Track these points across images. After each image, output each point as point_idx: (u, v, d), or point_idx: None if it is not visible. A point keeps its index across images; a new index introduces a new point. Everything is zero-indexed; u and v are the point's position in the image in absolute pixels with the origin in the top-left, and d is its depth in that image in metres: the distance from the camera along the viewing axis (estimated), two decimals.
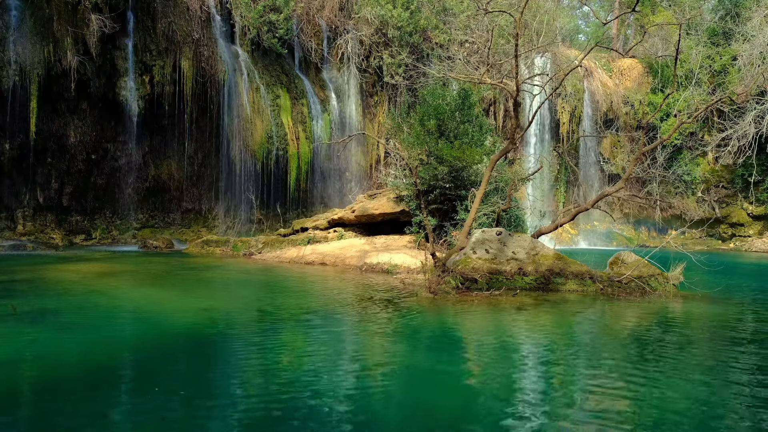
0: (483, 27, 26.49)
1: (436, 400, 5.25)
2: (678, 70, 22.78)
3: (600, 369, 6.19)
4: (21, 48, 20.48)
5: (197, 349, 6.98)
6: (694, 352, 7.18)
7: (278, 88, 26.26)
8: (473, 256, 12.06)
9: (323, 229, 20.81)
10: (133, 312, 9.36)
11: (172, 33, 23.45)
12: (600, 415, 4.80)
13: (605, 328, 8.83)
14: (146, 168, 24.93)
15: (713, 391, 5.48)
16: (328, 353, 6.75)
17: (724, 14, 29.60)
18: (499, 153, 12.97)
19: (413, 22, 27.52)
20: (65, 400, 5.03)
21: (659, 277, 11.79)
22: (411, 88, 27.51)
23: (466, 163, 17.30)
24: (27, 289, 11.02)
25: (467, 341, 7.78)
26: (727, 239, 29.79)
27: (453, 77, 17.71)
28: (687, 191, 30.07)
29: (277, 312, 9.60)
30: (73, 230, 23.50)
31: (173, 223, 25.89)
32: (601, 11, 42.60)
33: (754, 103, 26.06)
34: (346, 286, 12.67)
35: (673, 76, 15.64)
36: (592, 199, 13.99)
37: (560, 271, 11.84)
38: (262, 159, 25.19)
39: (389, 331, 8.09)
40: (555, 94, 27.72)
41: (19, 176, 22.15)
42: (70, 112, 22.52)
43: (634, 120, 30.83)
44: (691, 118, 15.36)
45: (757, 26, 26.59)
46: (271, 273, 15.14)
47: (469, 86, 18.79)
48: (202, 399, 5.18)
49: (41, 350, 6.70)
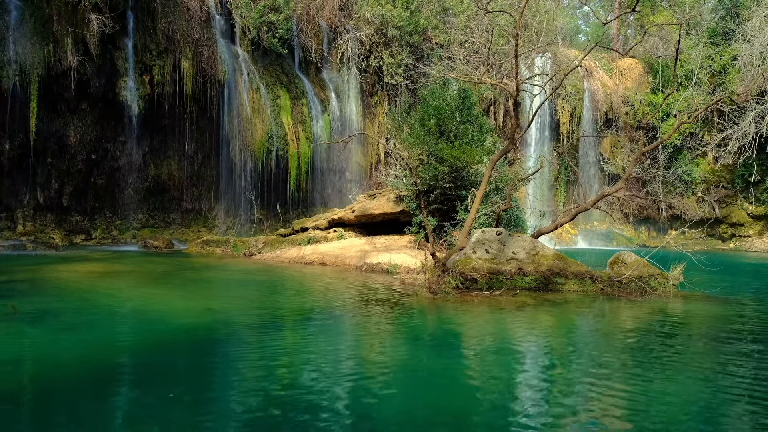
0: (483, 27, 26.48)
1: (436, 400, 5.25)
2: (678, 70, 22.78)
3: (600, 369, 6.19)
4: (21, 48, 20.48)
5: (197, 349, 6.98)
6: (694, 352, 7.18)
7: (278, 88, 26.26)
8: (473, 256, 12.06)
9: (323, 229, 20.80)
10: (133, 312, 9.36)
11: (172, 33, 23.45)
12: (600, 415, 4.80)
13: (605, 328, 8.82)
14: (146, 168, 24.93)
15: (713, 391, 5.48)
16: (328, 353, 6.75)
17: (724, 14, 29.58)
18: (499, 153, 12.98)
19: (413, 22, 27.52)
20: (65, 400, 5.03)
21: (659, 277, 11.79)
22: (411, 88, 27.51)
23: (466, 163, 17.30)
24: (27, 289, 11.02)
25: (467, 341, 7.78)
26: (727, 239, 29.79)
27: (453, 77, 17.70)
28: (687, 191, 30.06)
29: (277, 312, 9.60)
30: (73, 230, 23.49)
31: (173, 223, 25.88)
32: (601, 11, 42.61)
33: (754, 103, 26.03)
34: (346, 286, 12.67)
35: (673, 76, 15.65)
36: (592, 199, 13.99)
37: (560, 271, 11.84)
38: (262, 159, 25.19)
39: (389, 331, 8.09)
40: (555, 94, 27.72)
41: (19, 176, 22.14)
42: (70, 112, 22.52)
43: (634, 120, 30.82)
44: (691, 118, 15.37)
45: (757, 26, 26.58)
46: (271, 273, 15.13)
47: (469, 86, 18.78)
48: (202, 399, 5.18)
49: (41, 350, 6.70)
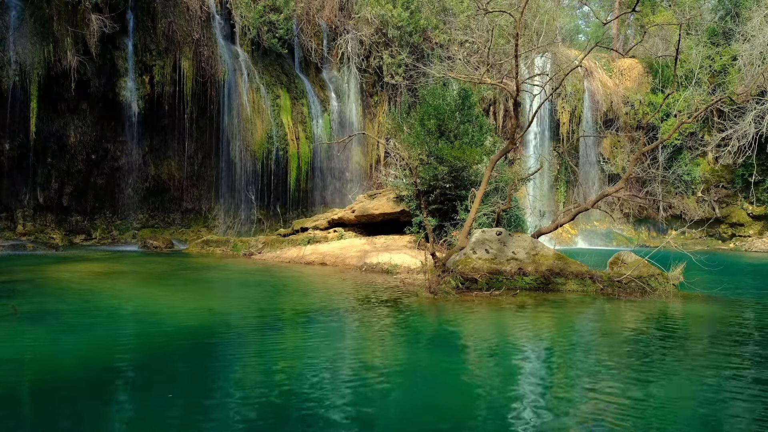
0: (483, 27, 26.47)
1: (436, 400, 5.25)
2: (678, 70, 22.76)
3: (600, 369, 6.19)
4: (21, 48, 20.48)
5: (197, 349, 6.98)
6: (694, 353, 7.18)
7: (278, 88, 26.26)
8: (473, 256, 12.06)
9: (323, 229, 20.80)
10: (133, 312, 9.36)
11: (172, 33, 23.44)
12: (600, 415, 4.80)
13: (605, 328, 8.83)
14: (146, 168, 24.92)
15: (713, 391, 5.48)
16: (328, 353, 6.75)
17: (724, 14, 29.57)
18: (499, 153, 12.98)
19: (413, 22, 27.52)
20: (65, 401, 5.03)
21: (659, 277, 11.79)
22: (411, 88, 27.50)
23: (466, 163, 17.30)
24: (27, 289, 11.01)
25: (467, 341, 7.78)
26: (727, 239, 29.78)
27: (453, 77, 17.70)
28: (687, 191, 30.05)
29: (277, 312, 9.60)
30: (73, 230, 23.49)
31: (173, 223, 25.88)
32: (601, 11, 42.60)
33: (754, 103, 26.02)
34: (346, 286, 12.67)
35: (673, 76, 15.65)
36: (592, 199, 14.00)
37: (560, 271, 11.84)
38: (262, 159, 25.19)
39: (389, 331, 8.09)
40: (555, 94, 27.71)
41: (19, 176, 22.14)
42: (70, 112, 22.52)
43: (634, 120, 30.80)
44: (691, 118, 15.37)
45: (757, 26, 26.57)
46: (272, 273, 15.14)
47: (469, 86, 18.78)
48: (201, 400, 5.18)
49: (42, 350, 6.70)
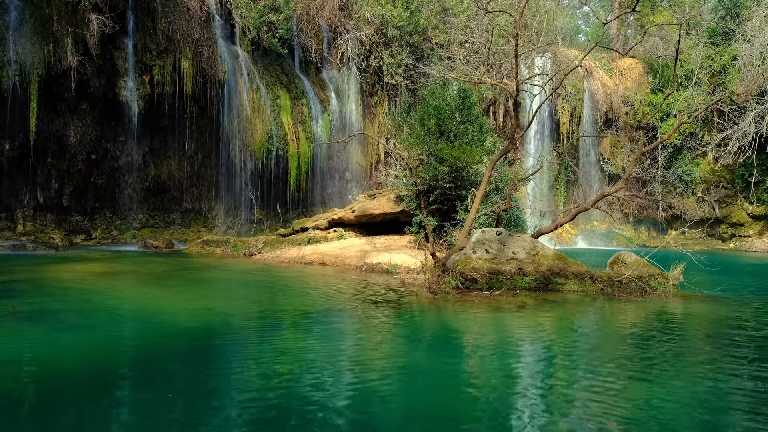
0: (483, 27, 26.47)
1: (437, 400, 5.25)
2: (678, 70, 22.77)
3: (600, 369, 6.19)
4: (21, 48, 20.48)
5: (197, 349, 6.98)
6: (694, 352, 7.19)
7: (278, 88, 26.26)
8: (473, 256, 12.06)
9: (323, 229, 20.80)
10: (133, 312, 9.36)
11: (172, 33, 23.44)
12: (600, 415, 4.80)
13: (605, 328, 8.83)
14: (146, 168, 24.92)
15: (713, 392, 5.48)
16: (328, 353, 6.75)
17: (724, 14, 29.57)
18: (499, 153, 12.98)
19: (413, 22, 27.52)
20: (65, 401, 5.03)
21: (659, 277, 11.79)
22: (411, 88, 27.50)
23: (466, 163, 17.30)
24: (27, 289, 11.01)
25: (467, 341, 7.78)
26: (727, 239, 29.78)
27: (453, 77, 17.70)
28: (687, 191, 30.04)
29: (277, 312, 9.60)
30: (73, 230, 23.49)
31: (173, 223, 25.88)
32: (601, 11, 42.60)
33: (754, 103, 26.01)
34: (346, 286, 12.67)
35: (673, 76, 15.65)
36: (592, 199, 14.00)
37: (560, 271, 11.84)
38: (262, 159, 25.19)
39: (389, 331, 8.09)
40: (555, 94, 27.72)
41: (19, 176, 22.14)
42: (70, 112, 22.51)
43: (634, 120, 30.80)
44: (691, 118, 15.37)
45: (757, 26, 26.57)
46: (272, 273, 15.14)
47: (469, 86, 18.78)
48: (201, 400, 5.18)
49: (41, 350, 6.70)
